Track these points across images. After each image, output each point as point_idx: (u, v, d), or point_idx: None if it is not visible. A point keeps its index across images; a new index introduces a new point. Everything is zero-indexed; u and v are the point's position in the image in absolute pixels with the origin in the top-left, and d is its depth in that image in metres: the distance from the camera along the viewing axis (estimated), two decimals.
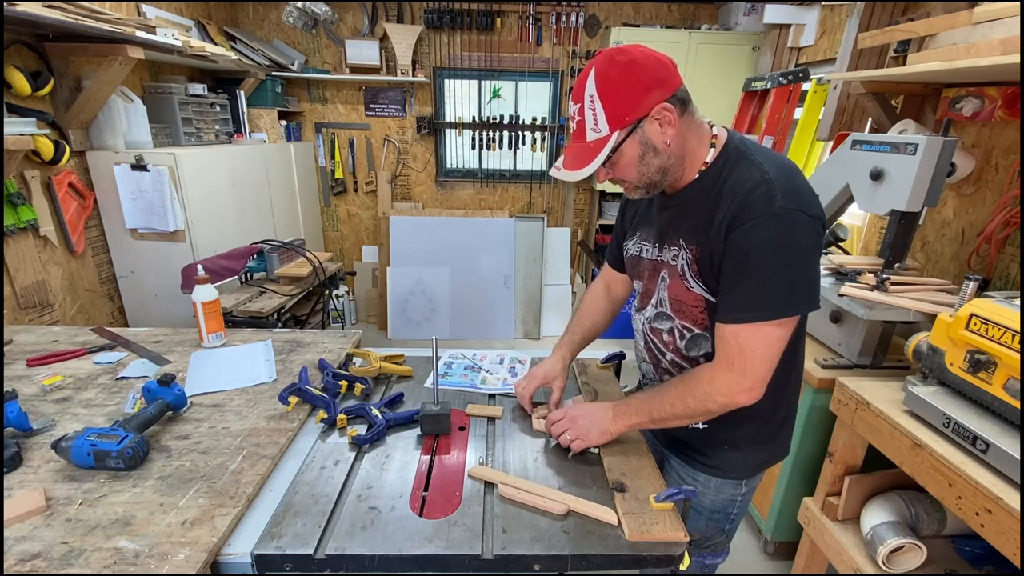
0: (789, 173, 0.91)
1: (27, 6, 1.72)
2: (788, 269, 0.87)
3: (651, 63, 0.89)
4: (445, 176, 4.15)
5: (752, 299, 0.89)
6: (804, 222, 0.87)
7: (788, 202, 0.86)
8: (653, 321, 1.11)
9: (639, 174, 0.96)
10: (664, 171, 0.96)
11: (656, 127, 0.91)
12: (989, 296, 1.23)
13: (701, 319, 1.02)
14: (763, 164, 0.91)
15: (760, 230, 0.87)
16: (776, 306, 0.89)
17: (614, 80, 0.88)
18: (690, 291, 1.00)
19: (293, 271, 2.55)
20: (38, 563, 0.78)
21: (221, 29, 3.31)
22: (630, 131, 0.90)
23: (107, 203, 2.42)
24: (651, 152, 0.93)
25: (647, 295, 1.12)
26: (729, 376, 0.93)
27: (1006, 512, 1.03)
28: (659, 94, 0.89)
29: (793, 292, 0.89)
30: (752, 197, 0.88)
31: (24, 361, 1.41)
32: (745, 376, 0.91)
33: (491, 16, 3.66)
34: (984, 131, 1.83)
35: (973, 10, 1.53)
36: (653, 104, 0.89)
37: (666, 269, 1.05)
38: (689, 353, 1.07)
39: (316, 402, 1.22)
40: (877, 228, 2.34)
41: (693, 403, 0.97)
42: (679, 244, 1.01)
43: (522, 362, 1.51)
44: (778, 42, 3.21)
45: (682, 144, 0.95)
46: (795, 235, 0.87)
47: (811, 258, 0.90)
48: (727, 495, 1.14)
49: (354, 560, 0.83)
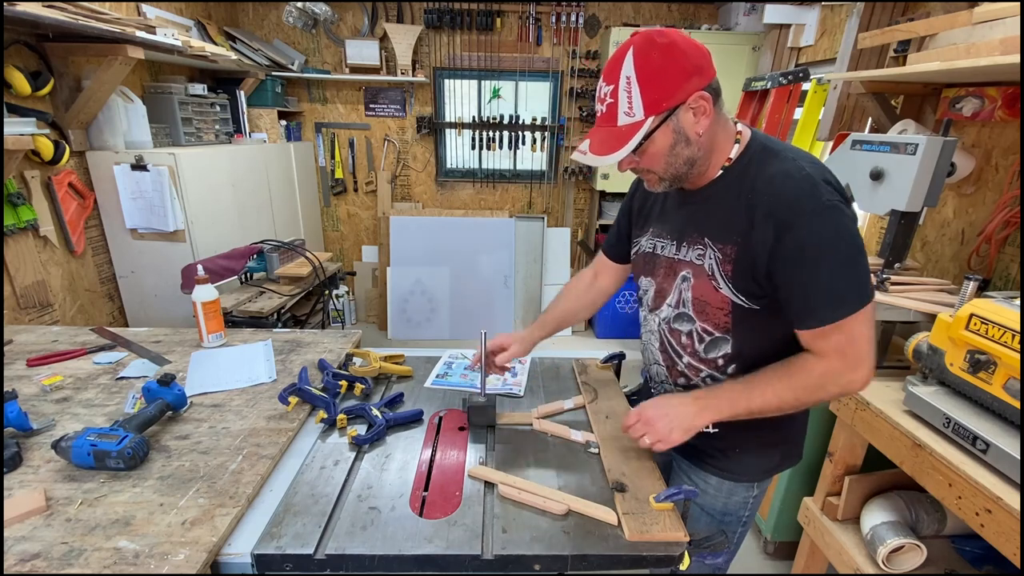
0: (821, 167, 0.91)
1: (27, 6, 1.72)
2: (859, 256, 0.87)
3: (692, 49, 0.86)
4: (445, 176, 4.15)
5: (841, 292, 0.87)
6: (849, 212, 0.87)
7: (832, 195, 0.86)
8: (673, 322, 1.06)
9: (667, 164, 0.93)
10: (692, 163, 0.93)
11: (691, 116, 0.88)
12: (989, 296, 1.23)
13: (724, 322, 0.99)
14: (797, 160, 0.90)
15: (819, 224, 0.85)
16: (862, 293, 0.87)
17: (655, 62, 0.84)
18: (718, 291, 0.97)
19: (293, 271, 2.55)
20: (38, 563, 0.78)
21: (221, 29, 3.31)
22: (665, 118, 0.87)
23: (107, 203, 2.42)
24: (683, 142, 0.90)
25: (662, 294, 1.08)
26: (843, 364, 0.89)
27: (1006, 512, 1.03)
28: (698, 81, 0.86)
29: (868, 276, 0.89)
30: (797, 192, 0.86)
31: (24, 361, 1.41)
32: (861, 361, 0.89)
33: (491, 16, 3.66)
34: (984, 131, 1.83)
35: (973, 10, 1.53)
36: (692, 91, 0.86)
37: (689, 268, 1.01)
38: (707, 355, 1.04)
39: (316, 402, 1.22)
40: (877, 228, 2.34)
41: (805, 395, 0.93)
42: (704, 243, 0.98)
43: (522, 362, 1.51)
44: (778, 42, 3.21)
45: (712, 137, 0.93)
46: (850, 224, 0.87)
47: (863, 244, 0.90)
48: (739, 498, 1.13)
49: (354, 560, 0.83)
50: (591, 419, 1.23)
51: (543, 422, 1.20)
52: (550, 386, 1.40)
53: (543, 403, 1.29)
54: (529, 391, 1.37)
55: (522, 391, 1.36)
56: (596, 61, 3.82)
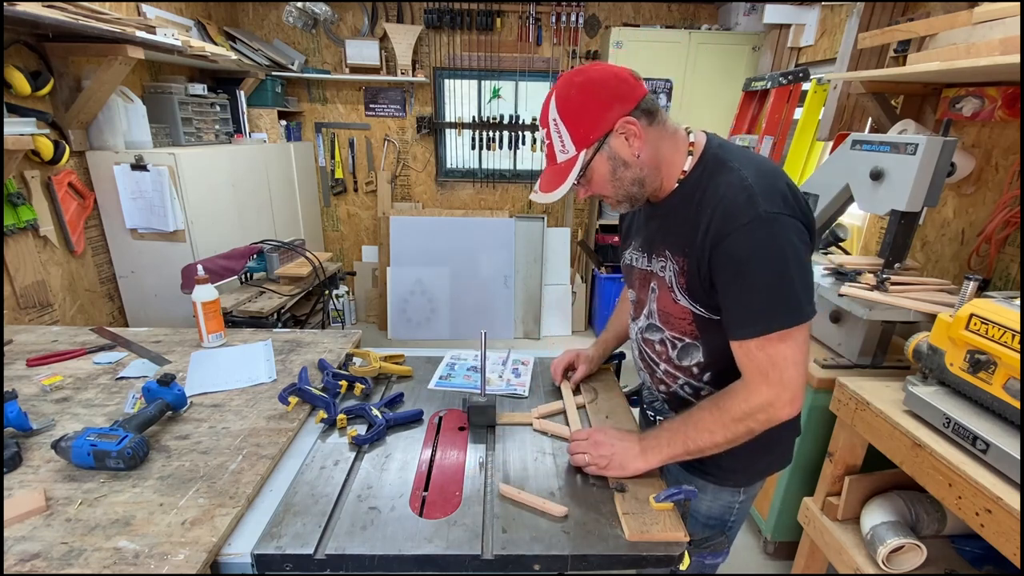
0: (770, 176, 0.89)
1: (27, 6, 1.72)
2: (791, 272, 0.85)
3: (608, 79, 0.90)
4: (445, 176, 4.15)
5: (764, 308, 0.86)
6: (791, 224, 0.86)
7: (772, 206, 0.85)
8: (645, 332, 1.11)
9: (615, 188, 0.97)
10: (640, 182, 0.96)
11: (622, 141, 0.91)
12: (989, 296, 1.23)
13: (690, 330, 1.01)
14: (742, 170, 0.90)
15: (750, 237, 0.85)
16: (790, 312, 0.86)
17: (574, 101, 0.90)
18: (677, 303, 1.00)
19: (293, 271, 2.55)
20: (38, 563, 0.78)
21: (221, 29, 3.31)
22: (597, 148, 0.91)
23: (107, 203, 2.42)
24: (621, 166, 0.93)
25: (640, 305, 1.12)
26: (767, 391, 0.88)
27: (1006, 512, 1.03)
28: (620, 109, 0.89)
29: (803, 292, 0.87)
30: (735, 205, 0.86)
31: (24, 361, 1.41)
32: (784, 388, 0.87)
33: (491, 16, 3.66)
34: (984, 131, 1.84)
35: (973, 10, 1.53)
36: (615, 119, 0.89)
37: (655, 280, 1.04)
38: (682, 363, 1.06)
39: (316, 402, 1.22)
40: (877, 228, 2.34)
41: (733, 426, 0.91)
42: (666, 255, 1.00)
43: (525, 363, 1.51)
44: (778, 42, 3.21)
45: (654, 154, 0.94)
46: (786, 237, 0.85)
47: (805, 258, 0.88)
48: (724, 502, 1.13)
49: (354, 560, 0.83)
50: (591, 419, 1.23)
51: (543, 422, 1.20)
52: (550, 386, 1.40)
53: (543, 403, 1.29)
54: (530, 391, 1.37)
55: (526, 391, 1.36)
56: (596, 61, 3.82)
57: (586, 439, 1.05)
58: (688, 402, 1.08)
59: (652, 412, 1.25)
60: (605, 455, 1.00)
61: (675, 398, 1.12)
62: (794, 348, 0.87)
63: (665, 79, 3.53)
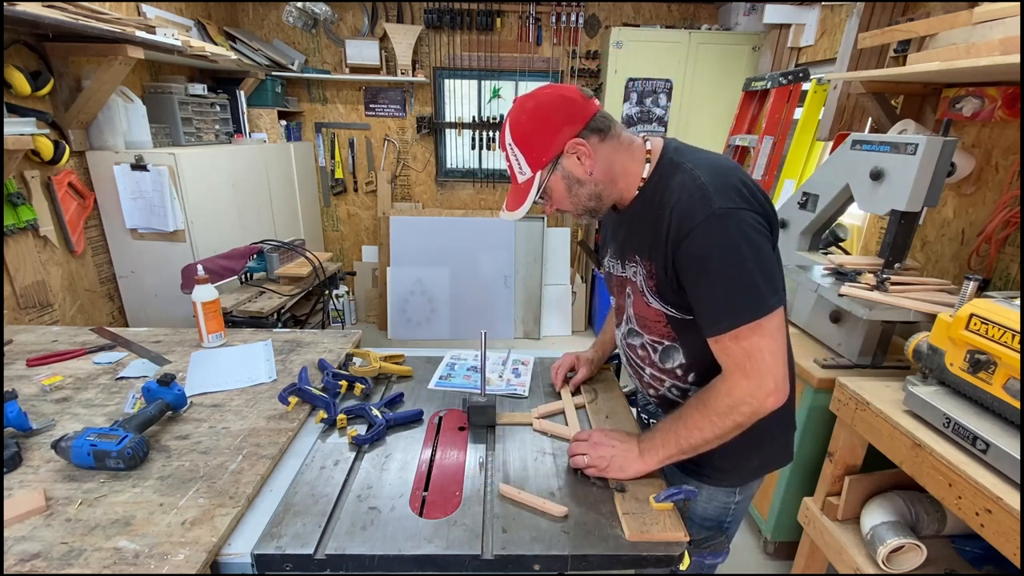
0: (723, 173, 0.91)
1: (27, 6, 1.72)
2: (749, 265, 0.86)
3: (557, 102, 0.94)
4: (445, 176, 4.15)
5: (730, 302, 0.88)
6: (746, 217, 0.87)
7: (726, 201, 0.86)
8: (627, 337, 1.12)
9: (573, 204, 1.01)
10: (597, 196, 1.00)
11: (574, 160, 0.95)
12: (989, 296, 1.23)
13: (667, 333, 1.03)
14: (695, 169, 0.92)
15: (707, 234, 0.87)
16: (756, 303, 0.87)
17: (525, 127, 0.95)
18: (650, 307, 1.02)
19: (293, 271, 2.55)
20: (38, 563, 0.78)
21: (221, 29, 3.31)
22: (551, 169, 0.96)
23: (107, 203, 2.42)
24: (576, 183, 0.98)
25: (620, 311, 1.14)
26: (747, 383, 0.89)
27: (1006, 512, 1.03)
28: (569, 131, 0.93)
29: (765, 284, 0.87)
30: (690, 203, 0.88)
31: (24, 361, 1.41)
32: (763, 377, 0.88)
33: (491, 16, 3.66)
34: (984, 131, 1.84)
35: (973, 10, 1.53)
36: (565, 141, 0.94)
37: (629, 285, 1.07)
38: (665, 366, 1.07)
39: (316, 402, 1.22)
40: (877, 228, 2.34)
41: (720, 421, 0.92)
42: (636, 260, 1.02)
43: (525, 363, 1.51)
44: (778, 42, 3.21)
45: (608, 168, 0.98)
46: (741, 231, 0.86)
47: (765, 249, 0.89)
48: (719, 503, 1.12)
49: (354, 560, 0.83)
50: (591, 419, 1.23)
51: (543, 422, 1.20)
52: (550, 386, 1.39)
53: (543, 403, 1.30)
54: (530, 391, 1.37)
55: (526, 391, 1.36)
56: (596, 61, 3.82)
57: (587, 440, 1.06)
58: (678, 404, 1.07)
59: (646, 415, 1.26)
60: (605, 456, 1.01)
61: (665, 401, 1.13)
62: (767, 338, 0.88)
63: (665, 79, 3.53)
